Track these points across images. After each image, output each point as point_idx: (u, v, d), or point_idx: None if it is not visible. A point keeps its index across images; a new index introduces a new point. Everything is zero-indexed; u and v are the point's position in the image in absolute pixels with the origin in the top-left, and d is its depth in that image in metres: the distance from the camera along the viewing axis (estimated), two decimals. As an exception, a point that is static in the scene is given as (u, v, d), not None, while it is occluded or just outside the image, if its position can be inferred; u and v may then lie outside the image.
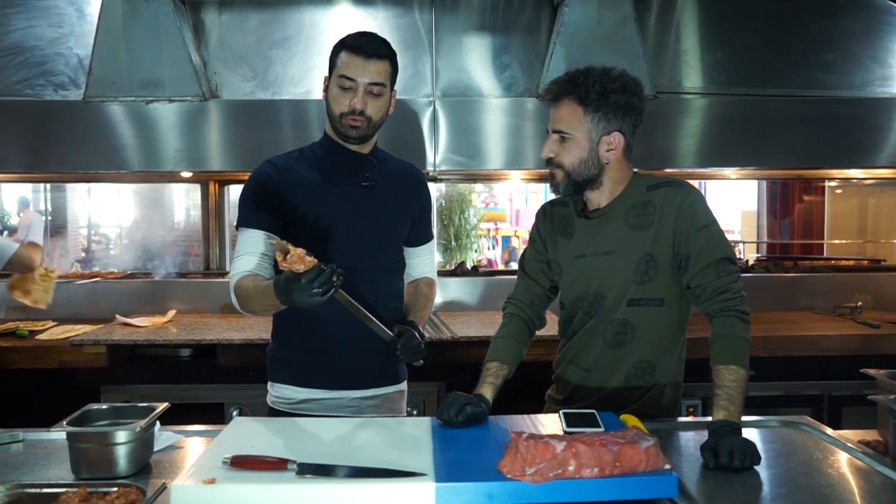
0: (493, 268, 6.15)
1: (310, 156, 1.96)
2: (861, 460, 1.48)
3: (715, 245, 1.70)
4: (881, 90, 3.61)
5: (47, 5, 3.53)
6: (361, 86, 1.83)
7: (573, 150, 1.74)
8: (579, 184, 1.77)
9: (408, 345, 1.82)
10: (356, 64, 1.82)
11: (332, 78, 1.87)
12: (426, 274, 2.15)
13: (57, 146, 3.33)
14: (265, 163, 1.93)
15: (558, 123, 1.75)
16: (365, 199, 1.93)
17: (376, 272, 1.95)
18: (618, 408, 1.74)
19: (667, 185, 1.77)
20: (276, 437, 1.53)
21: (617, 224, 1.78)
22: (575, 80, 1.73)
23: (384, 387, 1.99)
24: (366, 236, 1.93)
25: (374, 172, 1.96)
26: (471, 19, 3.64)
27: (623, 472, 1.27)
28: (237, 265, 1.85)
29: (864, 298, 3.62)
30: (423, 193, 2.11)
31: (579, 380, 1.87)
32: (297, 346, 1.94)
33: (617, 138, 1.74)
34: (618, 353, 1.81)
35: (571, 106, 1.73)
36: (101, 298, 3.63)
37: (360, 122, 1.85)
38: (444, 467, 1.31)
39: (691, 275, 1.71)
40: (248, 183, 1.91)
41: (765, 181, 5.76)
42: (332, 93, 1.87)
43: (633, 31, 3.37)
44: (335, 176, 1.92)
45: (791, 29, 3.65)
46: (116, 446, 1.39)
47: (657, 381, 1.82)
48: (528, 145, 3.44)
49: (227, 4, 3.61)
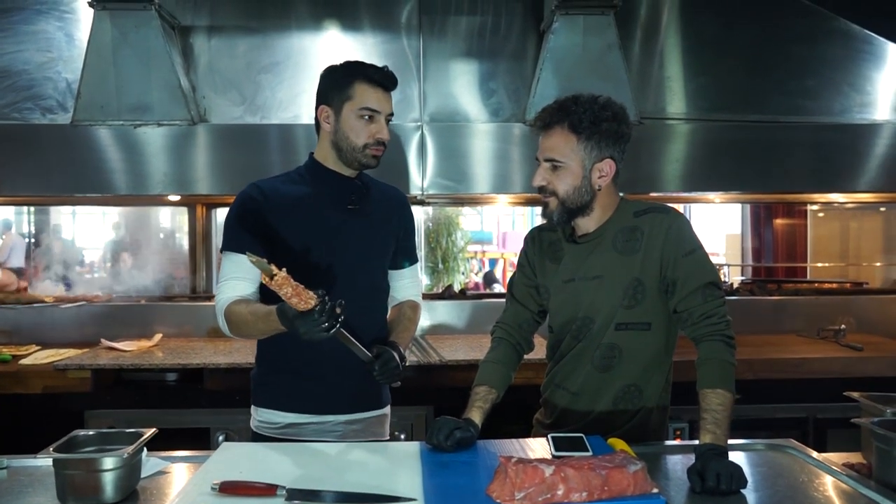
0: (481, 290, 6.16)
1: (296, 179, 1.96)
2: (846, 483, 1.49)
3: (701, 270, 1.73)
4: (860, 116, 3.68)
5: (36, 30, 3.55)
6: (384, 117, 1.88)
7: (567, 178, 1.75)
8: (572, 211, 1.78)
9: (385, 366, 1.79)
10: (379, 97, 1.87)
11: (349, 108, 1.87)
12: (410, 297, 2.14)
13: (44, 170, 3.32)
14: (250, 186, 1.93)
15: (551, 152, 1.75)
16: (350, 222, 1.93)
17: (361, 295, 1.94)
18: (606, 431, 1.75)
19: (654, 211, 1.79)
20: (264, 462, 1.52)
21: (605, 249, 1.80)
22: (566, 108, 1.74)
23: (368, 411, 1.98)
24: (351, 259, 1.93)
25: (360, 195, 1.97)
26: (458, 45, 3.69)
27: (611, 496, 1.27)
28: (225, 289, 1.83)
29: (848, 321, 3.66)
30: (407, 216, 2.12)
31: (567, 403, 1.88)
32: (282, 371, 1.93)
33: (609, 165, 1.75)
34: (605, 377, 1.82)
35: (564, 134, 1.73)
36: (85, 322, 3.59)
37: (382, 151, 1.91)
38: (433, 492, 1.31)
39: (678, 299, 1.73)
40: (234, 206, 1.91)
41: (748, 205, 5.83)
42: (352, 124, 1.87)
43: (617, 57, 3.42)
44: (321, 199, 1.93)
45: (772, 56, 3.72)
46: (103, 473, 1.37)
47: (644, 405, 1.82)
48: (514, 169, 3.47)
49: (217, 29, 3.64)
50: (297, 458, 1.56)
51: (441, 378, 2.95)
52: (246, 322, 1.77)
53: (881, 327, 3.74)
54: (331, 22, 3.70)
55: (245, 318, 1.77)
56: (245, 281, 1.84)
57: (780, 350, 3.25)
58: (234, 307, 1.80)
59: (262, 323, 1.71)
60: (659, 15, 3.77)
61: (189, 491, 1.31)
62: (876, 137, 3.52)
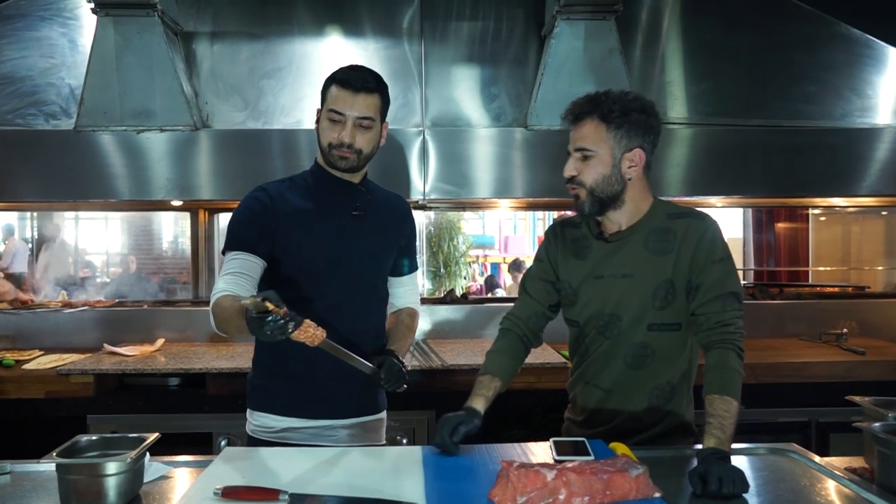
0: (483, 294, 6.17)
1: (301, 184, 1.96)
2: (848, 488, 1.49)
3: (727, 279, 1.74)
4: (861, 121, 3.69)
5: (39, 36, 3.56)
6: (350, 119, 1.85)
7: (596, 166, 1.76)
8: (603, 201, 1.78)
9: (390, 372, 1.80)
10: (345, 98, 1.85)
11: (323, 111, 1.90)
12: (409, 304, 2.14)
13: (48, 175, 3.33)
14: (257, 189, 1.93)
15: (581, 141, 1.77)
16: (354, 229, 1.94)
17: (363, 301, 1.96)
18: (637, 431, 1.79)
19: (690, 217, 1.80)
20: (266, 467, 1.53)
21: (637, 248, 1.80)
22: (597, 99, 1.76)
23: (364, 416, 1.98)
24: (354, 265, 1.93)
25: (364, 202, 1.97)
26: (460, 51, 3.70)
27: (613, 500, 1.28)
28: (220, 285, 1.80)
29: (850, 325, 3.66)
30: (409, 224, 2.12)
31: (598, 400, 1.88)
32: (279, 375, 1.92)
33: (638, 155, 1.77)
34: (638, 375, 1.83)
35: (594, 124, 1.75)
36: (88, 327, 3.60)
37: (349, 154, 1.87)
38: (435, 496, 1.31)
39: (699, 303, 1.74)
40: (240, 208, 1.91)
41: (750, 209, 5.83)
42: (323, 125, 1.89)
43: (619, 62, 3.43)
44: (326, 204, 1.93)
45: (773, 61, 3.73)
46: (106, 478, 1.37)
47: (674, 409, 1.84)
48: (516, 174, 3.48)
49: (219, 35, 3.66)
50: (300, 463, 1.56)
51: (443, 382, 2.95)
52: (225, 317, 1.72)
53: (883, 331, 3.75)
54: (333, 27, 3.71)
55: (225, 312, 1.72)
56: (241, 277, 1.80)
57: (782, 354, 3.25)
58: (220, 302, 1.75)
59: (236, 319, 1.65)
60: (660, 20, 3.78)
61: (192, 496, 1.32)
62: (877, 141, 3.52)
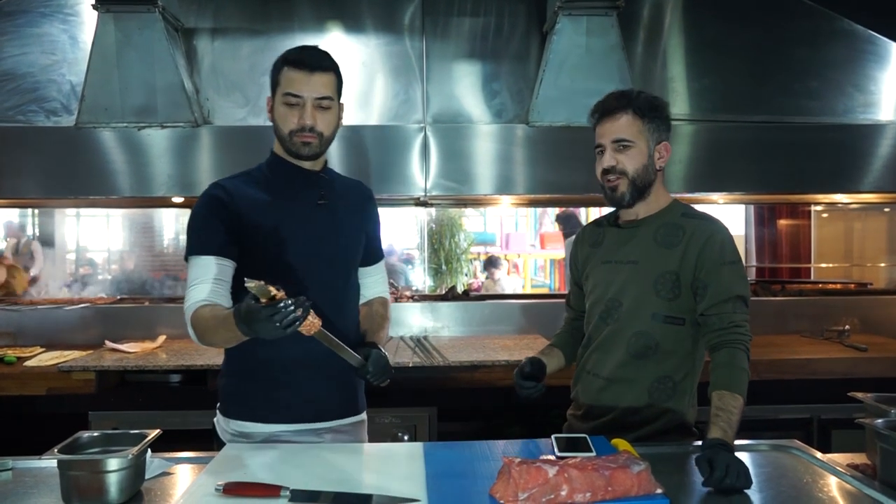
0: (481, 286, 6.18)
1: (259, 177, 1.87)
2: (850, 484, 1.49)
3: (738, 282, 1.79)
4: (863, 117, 3.68)
5: (40, 32, 3.56)
6: (309, 101, 1.77)
7: (636, 156, 1.84)
8: (640, 190, 1.86)
9: (378, 365, 1.75)
10: (301, 79, 1.76)
11: (277, 96, 1.80)
12: (380, 294, 2.07)
13: (49, 172, 3.33)
14: (213, 186, 1.83)
15: (620, 133, 1.84)
16: (321, 219, 1.86)
17: (338, 293, 1.89)
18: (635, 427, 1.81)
19: (702, 218, 1.88)
20: (267, 463, 1.53)
21: (645, 238, 1.87)
22: (628, 95, 1.86)
23: (345, 418, 1.90)
24: (326, 256, 1.86)
25: (328, 190, 1.89)
26: (461, 47, 3.70)
27: (615, 496, 1.27)
28: (193, 294, 1.70)
29: (852, 322, 3.66)
30: (374, 211, 2.05)
31: (597, 391, 1.90)
32: (256, 381, 1.83)
33: (666, 148, 1.88)
34: (640, 365, 1.84)
35: (629, 117, 1.84)
36: (89, 324, 3.60)
37: (312, 138, 1.79)
38: (437, 493, 1.31)
39: (710, 303, 1.78)
40: (198, 208, 1.81)
41: (752, 206, 5.82)
42: (280, 112, 1.80)
43: (620, 58, 3.42)
44: (289, 195, 1.85)
45: (775, 57, 3.72)
46: (108, 474, 1.38)
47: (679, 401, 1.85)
48: (517, 170, 3.47)
49: (220, 31, 3.65)
50: (301, 460, 1.56)
51: (444, 379, 2.95)
52: (208, 328, 1.63)
53: (885, 328, 3.74)
54: (334, 24, 3.70)
55: (208, 323, 1.63)
56: (214, 284, 1.71)
57: (784, 351, 3.25)
58: (200, 313, 1.66)
59: (223, 329, 1.57)
60: (662, 16, 3.77)
61: (193, 492, 1.32)
62: (880, 138, 3.51)
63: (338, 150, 3.39)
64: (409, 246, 6.93)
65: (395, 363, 2.95)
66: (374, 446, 1.76)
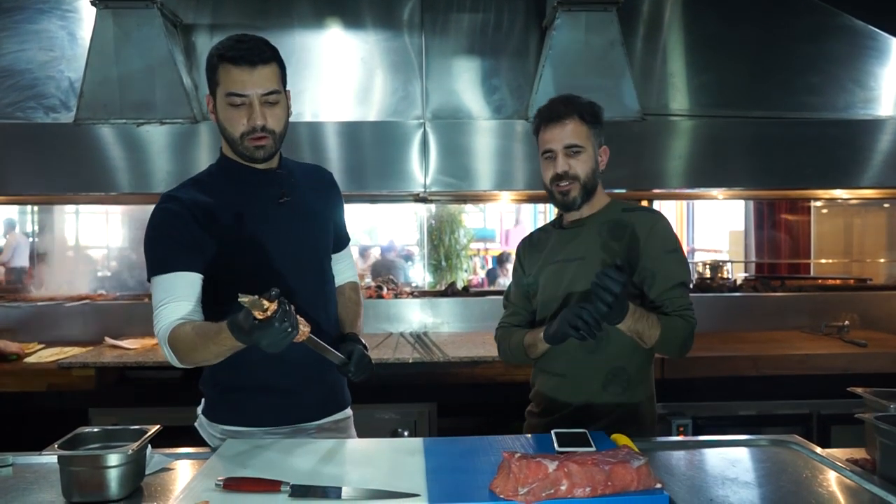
0: (485, 287, 6.17)
1: (210, 183, 1.76)
2: (850, 479, 1.49)
3: (680, 269, 1.90)
4: (863, 112, 3.67)
5: (39, 29, 3.55)
6: (255, 98, 1.64)
7: (586, 161, 1.91)
8: (589, 192, 1.93)
9: (360, 363, 1.71)
10: (243, 76, 1.62)
11: (219, 97, 1.67)
12: (349, 279, 2.03)
13: (47, 169, 3.33)
14: (166, 198, 1.70)
15: (569, 139, 1.89)
16: (286, 217, 1.77)
17: (316, 289, 1.83)
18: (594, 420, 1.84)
19: (642, 210, 1.97)
20: (268, 458, 1.53)
21: (590, 235, 1.94)
22: (572, 101, 1.92)
23: (332, 415, 1.88)
24: (298, 255, 1.78)
25: (288, 186, 1.79)
26: (460, 42, 3.69)
27: (615, 491, 1.27)
28: (164, 315, 1.62)
29: (851, 317, 3.66)
30: (337, 195, 1.97)
31: (553, 387, 1.94)
32: (241, 388, 1.79)
33: (605, 151, 1.96)
34: (593, 360, 1.89)
35: (577, 123, 1.90)
36: (89, 321, 3.61)
37: (264, 139, 1.67)
38: (436, 488, 1.31)
39: (658, 291, 1.86)
40: (155, 224, 1.68)
41: (752, 201, 5.82)
42: (225, 114, 1.67)
43: (620, 54, 3.42)
44: (248, 198, 1.74)
45: (776, 52, 3.71)
46: (108, 469, 1.38)
47: (633, 395, 1.90)
48: (517, 166, 3.47)
49: (219, 27, 3.64)
50: (301, 455, 1.56)
51: (444, 375, 2.96)
52: (194, 347, 1.54)
53: (885, 323, 3.75)
54: (333, 20, 3.70)
55: (193, 342, 1.54)
56: (184, 301, 1.62)
57: (784, 346, 3.25)
58: (178, 332, 1.57)
59: (213, 344, 1.49)
60: (661, 11, 3.76)
61: (194, 487, 1.32)
62: (880, 133, 3.51)
63: (336, 146, 3.39)
64: (409, 242, 6.93)
65: (395, 359, 2.97)
66: (373, 441, 1.76)
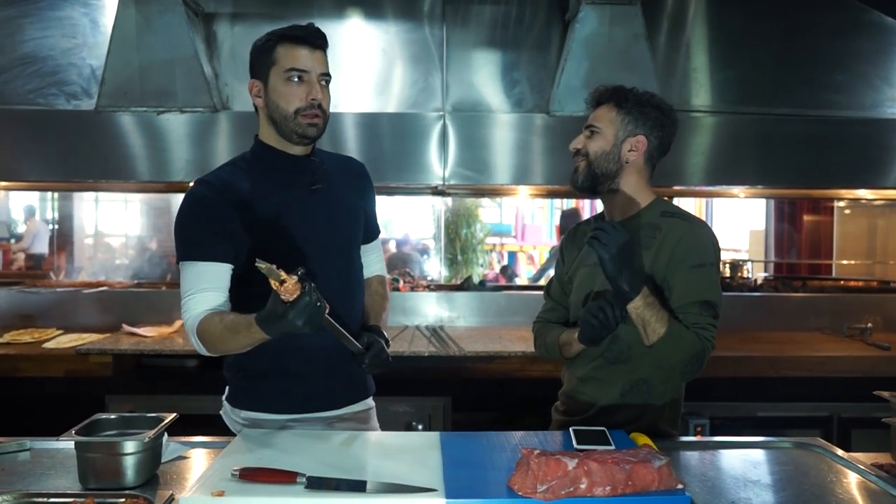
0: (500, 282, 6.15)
1: (246, 168, 1.78)
2: (875, 483, 1.46)
3: (706, 287, 1.74)
4: (891, 111, 3.60)
5: (61, 16, 3.56)
6: (315, 76, 1.70)
7: (600, 142, 1.83)
8: (597, 176, 1.83)
9: (376, 357, 1.69)
10: (305, 55, 1.69)
11: (275, 74, 1.71)
12: (377, 272, 2.02)
13: (68, 156, 3.34)
14: (199, 183, 1.72)
15: (593, 120, 1.86)
16: (318, 205, 1.79)
17: (344, 278, 1.84)
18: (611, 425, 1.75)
19: (679, 217, 1.83)
20: (284, 449, 1.52)
21: None
22: (619, 89, 1.86)
23: (355, 404, 1.87)
24: (328, 243, 1.80)
25: (321, 174, 1.81)
26: (481, 35, 3.66)
27: (635, 491, 1.25)
28: (193, 305, 1.63)
29: (874, 320, 3.60)
30: (369, 187, 1.98)
31: (572, 388, 1.92)
32: (263, 375, 1.79)
33: (640, 141, 1.82)
34: (614, 370, 1.83)
35: (608, 108, 1.85)
36: (107, 307, 3.62)
37: (318, 117, 1.71)
38: (454, 483, 1.30)
39: (675, 305, 1.74)
40: (186, 210, 1.70)
41: (773, 200, 5.75)
42: (280, 90, 1.70)
43: (643, 48, 3.38)
44: (281, 185, 1.76)
45: (801, 49, 3.65)
46: (124, 456, 1.38)
47: (654, 402, 1.82)
48: (536, 161, 3.44)
49: (240, 17, 3.64)
50: (317, 447, 1.55)
51: (459, 369, 2.95)
52: (223, 339, 1.58)
53: (908, 327, 3.68)
54: (353, 10, 3.68)
55: (222, 334, 1.58)
56: (214, 292, 1.65)
57: (805, 348, 3.21)
58: (208, 323, 1.60)
59: (243, 336, 1.52)
60: (686, 6, 3.71)
61: (210, 476, 1.31)
62: (908, 133, 3.44)
63: (355, 137, 3.38)
64: (425, 235, 6.93)
65: (410, 352, 2.96)
66: (390, 435, 1.75)
